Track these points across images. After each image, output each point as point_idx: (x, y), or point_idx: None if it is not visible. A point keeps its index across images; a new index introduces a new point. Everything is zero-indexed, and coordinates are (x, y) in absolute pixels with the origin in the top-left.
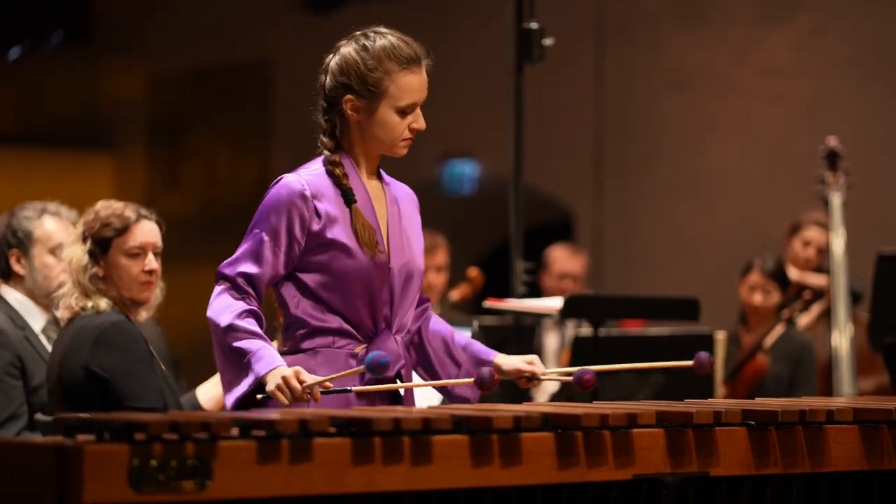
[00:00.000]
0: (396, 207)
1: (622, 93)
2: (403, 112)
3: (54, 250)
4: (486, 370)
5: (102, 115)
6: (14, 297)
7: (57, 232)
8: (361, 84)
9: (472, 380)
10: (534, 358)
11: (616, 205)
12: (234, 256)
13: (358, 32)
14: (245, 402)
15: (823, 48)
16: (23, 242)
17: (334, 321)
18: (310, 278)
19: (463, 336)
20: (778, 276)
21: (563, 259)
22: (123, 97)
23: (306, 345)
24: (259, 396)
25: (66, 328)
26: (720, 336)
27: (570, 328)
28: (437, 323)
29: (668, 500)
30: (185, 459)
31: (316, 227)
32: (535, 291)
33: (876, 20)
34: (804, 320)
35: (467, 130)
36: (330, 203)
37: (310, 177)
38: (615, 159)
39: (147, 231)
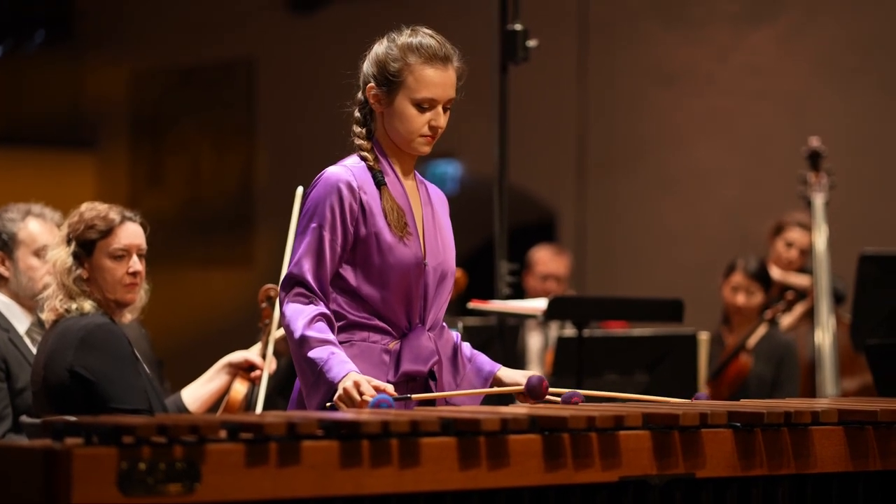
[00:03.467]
0: (431, 208)
1: (605, 91)
2: (421, 106)
3: (38, 252)
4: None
5: (85, 114)
6: None
7: (41, 234)
8: (382, 73)
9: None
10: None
11: (599, 203)
12: (296, 257)
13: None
14: (322, 409)
15: (806, 46)
16: (7, 244)
17: (370, 316)
18: (349, 272)
19: (468, 346)
20: (761, 277)
21: (546, 260)
22: (106, 96)
23: (342, 337)
24: (327, 405)
25: (50, 330)
26: (703, 337)
27: (554, 329)
28: (451, 335)
29: (655, 501)
30: (173, 462)
31: (361, 220)
32: (519, 292)
33: (858, 19)
34: (787, 321)
35: (449, 131)
36: (371, 196)
37: (353, 168)
38: (598, 158)
39: (131, 233)
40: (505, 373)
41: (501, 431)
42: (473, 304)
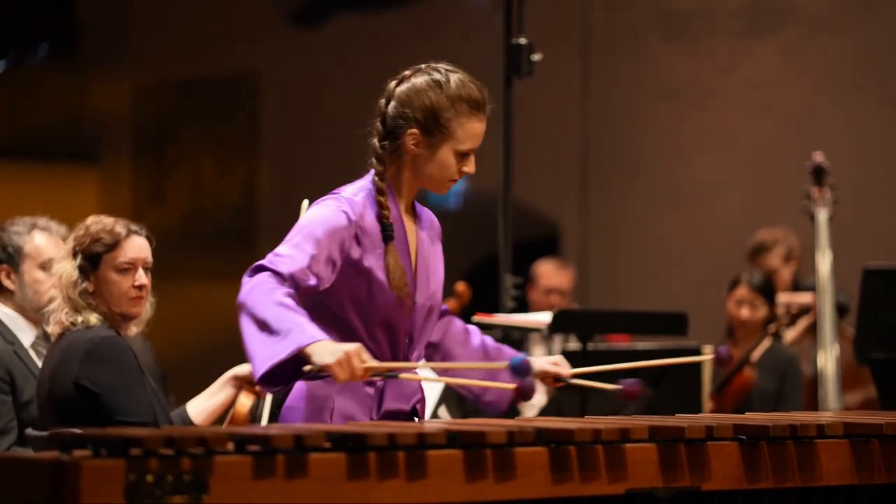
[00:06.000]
0: (425, 240)
1: (608, 105)
2: (462, 155)
3: (44, 265)
4: (529, 380)
5: (88, 127)
6: (4, 312)
7: (47, 247)
8: (431, 121)
9: (513, 386)
10: (559, 359)
11: (602, 217)
12: (276, 254)
13: (424, 66)
14: (282, 371)
15: (809, 61)
16: (13, 258)
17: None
18: (335, 301)
19: (492, 340)
20: (765, 291)
21: (549, 274)
22: (109, 110)
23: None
24: (306, 368)
25: (56, 343)
26: (707, 350)
27: (558, 342)
28: (460, 325)
29: None
30: (181, 474)
31: (355, 254)
32: (523, 306)
33: (861, 33)
34: (791, 334)
35: None
36: (371, 232)
37: (357, 201)
38: (601, 172)
39: (137, 246)
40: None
41: (508, 444)
42: (478, 318)
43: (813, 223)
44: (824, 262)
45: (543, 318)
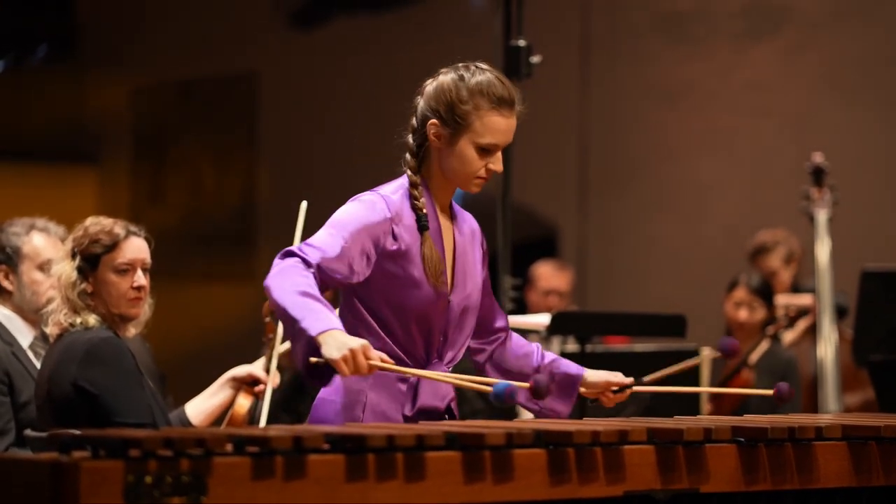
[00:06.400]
0: (461, 241)
1: (606, 108)
2: (483, 150)
3: (43, 266)
4: (541, 376)
5: (87, 129)
6: (2, 312)
7: (45, 248)
8: (449, 113)
9: (528, 384)
10: (618, 374)
11: (600, 219)
12: (308, 243)
13: (461, 63)
14: (308, 363)
15: (808, 63)
16: (11, 259)
17: (387, 344)
18: (370, 297)
19: (550, 354)
20: (763, 293)
21: (548, 275)
22: (108, 111)
23: None
24: (313, 360)
25: (54, 344)
26: (706, 352)
27: (556, 344)
28: (519, 340)
29: None
30: (179, 476)
31: (391, 248)
32: (521, 307)
33: (861, 34)
34: (790, 336)
35: None
36: (407, 229)
37: (395, 199)
38: (599, 174)
39: (136, 247)
40: (590, 374)
41: (506, 446)
42: None
43: (812, 224)
44: (823, 252)
45: (542, 319)
